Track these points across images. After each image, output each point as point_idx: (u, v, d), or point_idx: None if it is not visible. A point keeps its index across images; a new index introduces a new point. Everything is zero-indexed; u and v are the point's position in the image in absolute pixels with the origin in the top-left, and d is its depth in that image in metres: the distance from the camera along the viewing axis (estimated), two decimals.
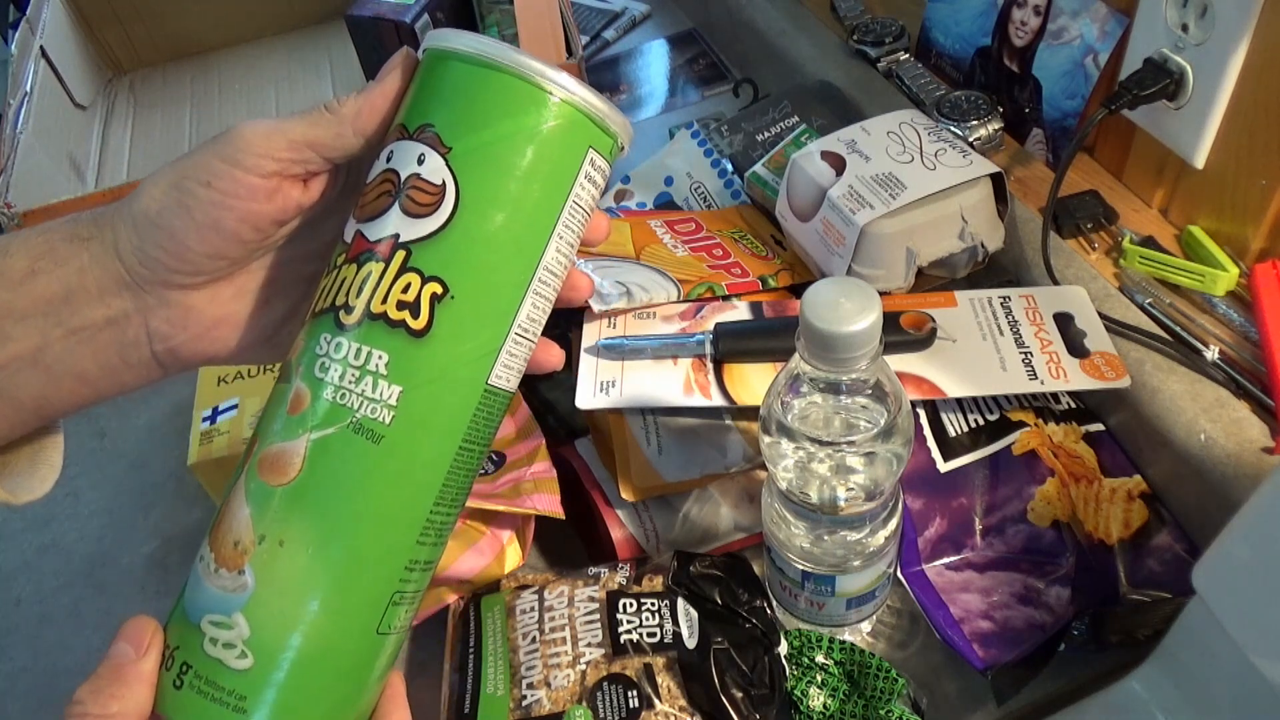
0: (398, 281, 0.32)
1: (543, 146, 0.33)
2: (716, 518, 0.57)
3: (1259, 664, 0.40)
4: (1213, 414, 0.52)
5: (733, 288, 0.62)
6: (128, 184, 0.75)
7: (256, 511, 0.32)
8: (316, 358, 0.33)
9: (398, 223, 0.33)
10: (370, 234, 0.33)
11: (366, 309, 0.32)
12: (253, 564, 0.32)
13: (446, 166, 0.33)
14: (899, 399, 0.43)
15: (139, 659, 0.32)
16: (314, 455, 0.32)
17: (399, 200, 0.33)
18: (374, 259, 0.33)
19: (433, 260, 0.32)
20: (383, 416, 0.32)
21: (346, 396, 0.32)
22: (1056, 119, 0.65)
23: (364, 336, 0.32)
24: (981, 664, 0.50)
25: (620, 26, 1.05)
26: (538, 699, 0.47)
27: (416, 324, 0.32)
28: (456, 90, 0.33)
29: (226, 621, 0.32)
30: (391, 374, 0.32)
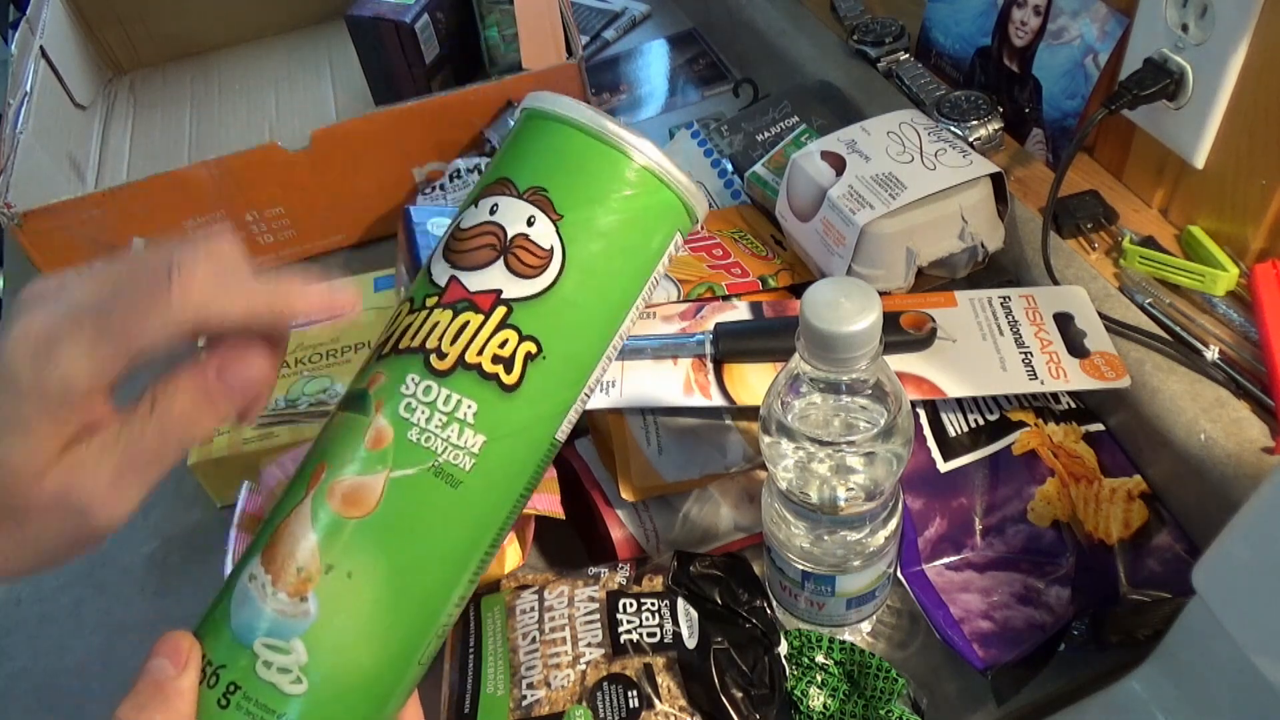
0: (496, 336, 0.33)
1: (645, 227, 0.35)
2: (716, 518, 0.57)
3: (1259, 664, 0.40)
4: (1213, 414, 0.52)
5: (733, 288, 0.62)
6: (128, 184, 0.75)
7: (325, 540, 0.32)
8: (402, 397, 0.33)
9: (501, 278, 0.34)
10: (470, 284, 0.34)
11: (461, 358, 0.33)
12: (317, 592, 0.32)
13: (557, 233, 0.34)
14: (899, 399, 0.43)
15: (179, 675, 0.31)
16: (392, 493, 0.33)
17: (505, 257, 0.34)
18: (472, 309, 0.34)
19: (532, 320, 0.34)
20: (464, 463, 0.33)
21: (431, 440, 0.33)
22: (1056, 119, 0.65)
23: (456, 384, 0.33)
24: (981, 664, 0.50)
25: (620, 26, 1.05)
26: (538, 699, 0.47)
27: (509, 379, 0.34)
28: (574, 161, 0.35)
29: (284, 647, 0.32)
30: (478, 424, 0.33)
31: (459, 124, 0.79)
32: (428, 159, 0.80)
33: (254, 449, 0.62)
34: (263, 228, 0.80)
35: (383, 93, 0.92)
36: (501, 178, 0.35)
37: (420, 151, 0.80)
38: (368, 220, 0.83)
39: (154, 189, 0.74)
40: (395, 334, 0.35)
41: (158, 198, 0.75)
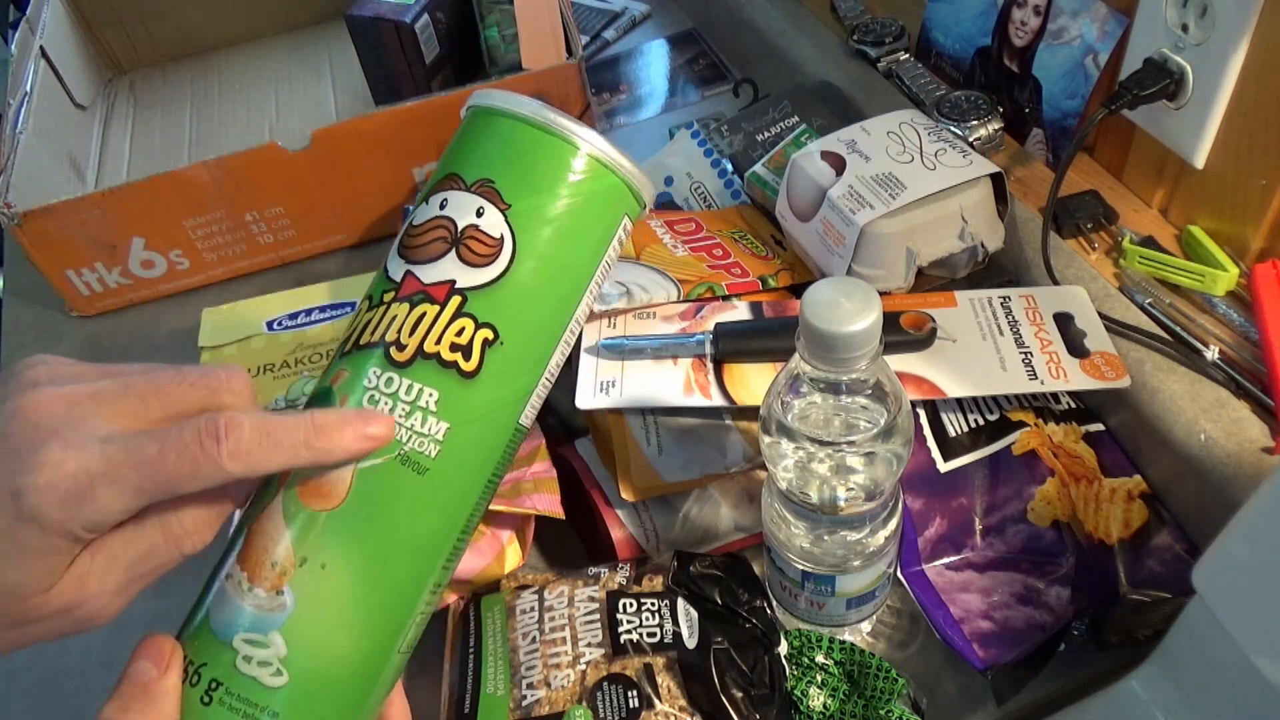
0: (452, 325, 0.34)
1: (592, 212, 0.36)
2: (716, 518, 0.57)
3: (1259, 664, 0.40)
4: (1213, 414, 0.52)
5: (733, 288, 0.62)
6: (128, 184, 0.75)
7: (298, 534, 0.33)
8: (365, 390, 0.34)
9: (454, 269, 0.35)
10: (424, 276, 0.35)
11: (420, 348, 0.34)
12: (293, 585, 0.33)
13: (505, 222, 0.35)
14: (899, 399, 0.43)
15: (162, 676, 0.32)
16: (361, 483, 0.33)
17: (456, 248, 0.35)
18: (428, 300, 0.34)
19: (486, 308, 0.35)
20: (429, 450, 0.34)
21: (396, 430, 0.34)
22: (1056, 119, 0.65)
23: (416, 374, 0.34)
24: (981, 664, 0.50)
25: (620, 26, 1.05)
26: (538, 699, 0.47)
27: (468, 366, 0.34)
28: (519, 152, 0.36)
29: (263, 640, 0.33)
30: (441, 411, 0.34)
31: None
32: (428, 159, 0.80)
33: None
34: (263, 228, 0.80)
35: (383, 93, 0.92)
36: (450, 174, 0.36)
37: (420, 151, 0.80)
38: (368, 220, 0.83)
39: (154, 189, 0.74)
40: (356, 331, 0.36)
41: (158, 198, 0.75)
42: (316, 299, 0.71)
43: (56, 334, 0.81)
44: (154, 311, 0.82)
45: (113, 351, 0.79)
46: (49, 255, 0.76)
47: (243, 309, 0.71)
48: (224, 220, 0.78)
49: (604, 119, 0.95)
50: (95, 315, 0.82)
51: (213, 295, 0.82)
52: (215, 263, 0.81)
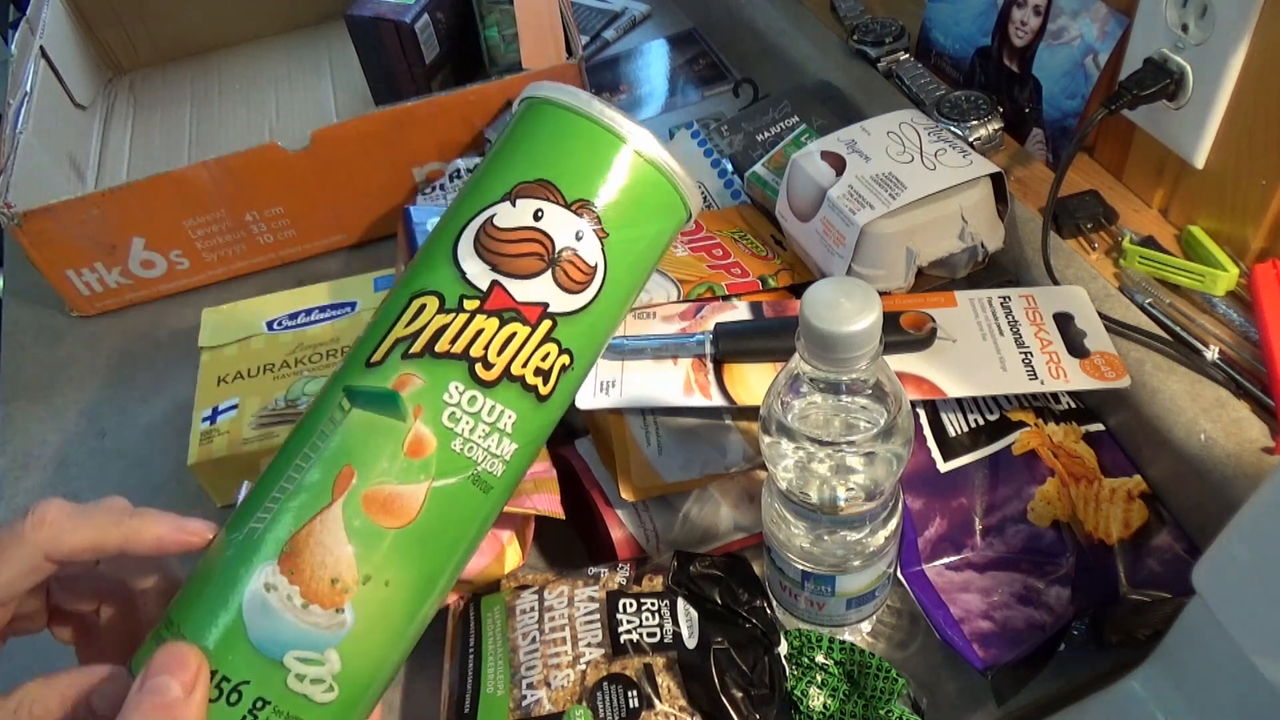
0: (540, 349, 0.34)
1: (666, 244, 0.37)
2: (716, 518, 0.57)
3: (1259, 664, 0.40)
4: (1213, 414, 0.52)
5: (733, 288, 0.62)
6: (128, 184, 0.75)
7: (363, 551, 0.32)
8: (446, 405, 0.33)
9: (548, 291, 0.34)
10: (517, 293, 0.33)
11: (507, 369, 0.33)
12: (354, 603, 0.32)
13: (602, 252, 0.34)
14: (899, 399, 0.43)
15: (187, 698, 0.30)
16: (433, 502, 0.33)
17: (553, 270, 0.34)
18: (519, 320, 0.33)
19: (571, 334, 0.34)
20: (497, 470, 0.34)
21: (473, 450, 0.33)
22: (1056, 119, 0.65)
23: (500, 395, 0.33)
24: (981, 664, 0.50)
25: (620, 26, 1.05)
26: (538, 699, 0.47)
27: (545, 390, 0.34)
28: (623, 180, 0.35)
29: (319, 659, 0.31)
30: (515, 433, 0.34)
31: (459, 124, 0.79)
32: (428, 159, 0.80)
33: (254, 449, 0.62)
34: (263, 228, 0.80)
35: (383, 93, 0.92)
36: (543, 180, 0.34)
37: (420, 151, 0.80)
38: (368, 220, 0.83)
39: (154, 189, 0.74)
40: (426, 334, 0.33)
41: (158, 198, 0.75)
42: (316, 299, 0.71)
43: (56, 334, 0.81)
44: (154, 311, 0.82)
45: (113, 351, 0.79)
46: (49, 255, 0.76)
47: (243, 309, 0.71)
48: (224, 220, 0.78)
49: None
50: (95, 315, 0.82)
51: (213, 295, 0.82)
52: (215, 263, 0.81)
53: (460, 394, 0.33)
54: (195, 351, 0.68)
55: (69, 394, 0.77)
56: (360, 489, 0.32)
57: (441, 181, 0.78)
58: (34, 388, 0.77)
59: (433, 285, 0.34)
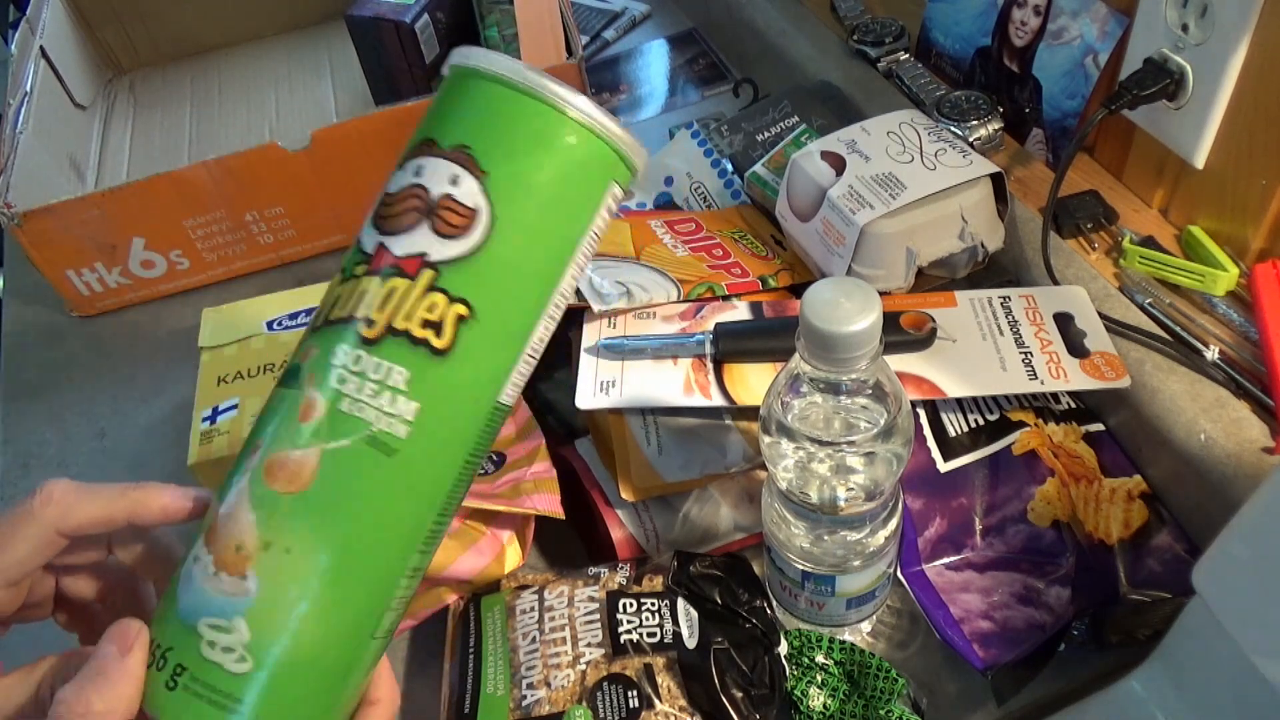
0: (424, 300, 0.33)
1: (574, 179, 0.34)
2: (716, 518, 0.57)
3: (1259, 664, 0.40)
4: (1213, 414, 0.52)
5: (733, 288, 0.62)
6: (128, 184, 0.75)
7: (262, 517, 0.32)
8: (333, 368, 0.33)
9: (427, 241, 0.33)
10: (396, 249, 0.33)
11: (389, 324, 0.33)
12: (256, 569, 0.32)
13: (482, 191, 0.33)
14: (899, 399, 0.43)
15: (123, 657, 0.32)
16: (327, 466, 0.32)
17: (429, 219, 0.33)
18: (399, 275, 0.33)
19: (460, 282, 0.33)
20: (398, 431, 0.33)
21: (364, 410, 0.32)
22: (1056, 119, 0.65)
23: (385, 352, 0.33)
24: (981, 664, 0.50)
25: (620, 26, 1.05)
26: (538, 699, 0.47)
27: (439, 343, 0.33)
28: (496, 115, 0.33)
29: (227, 625, 0.32)
30: (411, 390, 0.33)
31: None
32: None
33: None
34: (263, 228, 0.80)
35: (383, 93, 0.92)
36: (425, 139, 0.34)
37: None
38: None
39: (154, 189, 0.74)
40: (326, 306, 0.34)
41: (158, 198, 0.75)
42: (316, 299, 0.71)
43: (56, 334, 0.81)
44: (154, 311, 0.82)
45: (113, 351, 0.79)
46: (49, 255, 0.76)
47: (243, 309, 0.71)
48: (224, 220, 0.78)
49: None
50: (95, 315, 0.82)
51: (213, 295, 0.82)
52: (215, 263, 0.81)
53: (347, 355, 0.33)
54: (195, 351, 0.68)
55: (69, 394, 0.77)
56: (263, 458, 0.33)
57: None
58: (34, 388, 0.77)
59: (344, 264, 0.35)
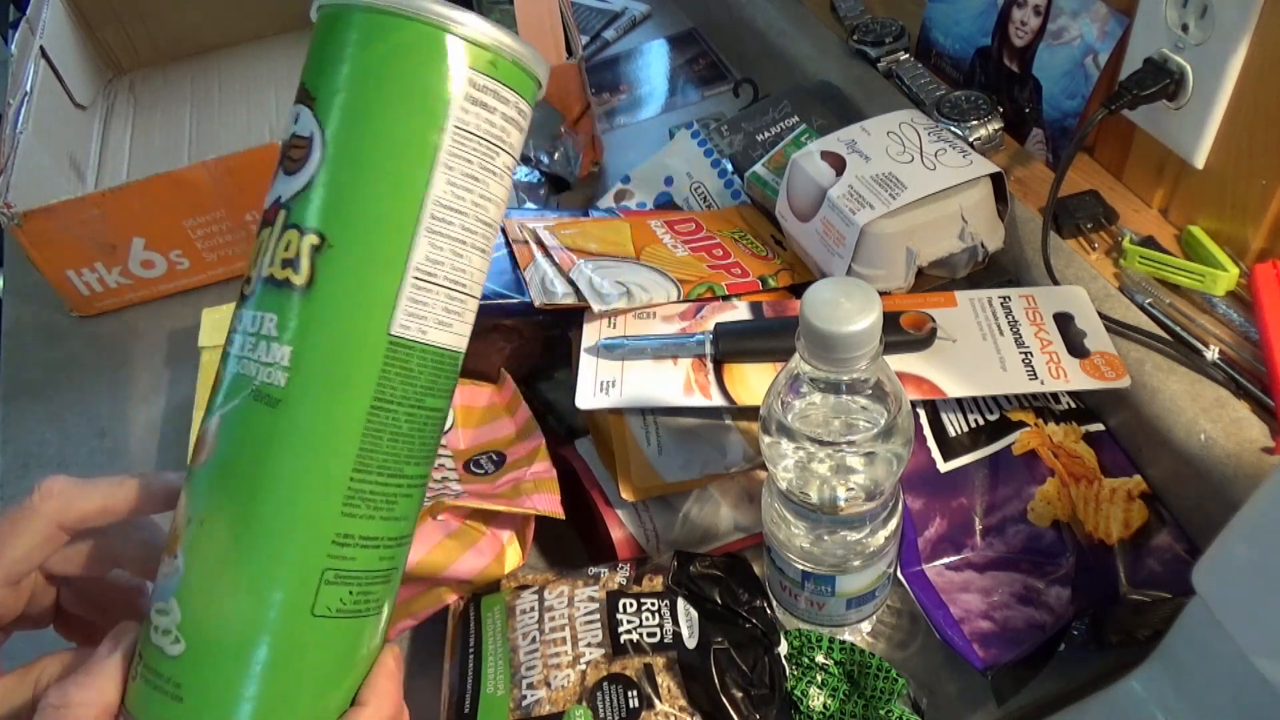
0: (281, 240, 0.32)
1: (400, 73, 0.31)
2: (716, 518, 0.57)
3: (1259, 664, 0.40)
4: (1213, 414, 0.52)
5: (733, 288, 0.62)
6: (128, 184, 0.75)
7: (187, 494, 0.33)
8: (232, 335, 0.33)
9: (280, 184, 0.32)
10: (266, 204, 0.33)
11: (258, 275, 0.32)
12: (182, 546, 0.32)
13: (313, 117, 0.32)
14: (899, 399, 0.43)
15: (108, 653, 0.32)
16: (222, 430, 0.32)
17: (281, 163, 0.32)
18: (265, 226, 0.32)
19: (307, 212, 0.31)
20: (278, 379, 0.31)
21: (246, 365, 0.32)
22: (1056, 119, 0.65)
23: (258, 303, 0.32)
24: (981, 664, 0.50)
25: (620, 26, 1.05)
26: (538, 699, 0.47)
27: (299, 279, 0.31)
28: (318, 39, 0.32)
29: (165, 607, 0.32)
30: (281, 334, 0.31)
31: None
32: None
33: None
34: None
35: None
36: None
37: None
38: None
39: (154, 189, 0.74)
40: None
41: (158, 198, 0.75)
42: None
43: (56, 334, 0.81)
44: (154, 311, 0.82)
45: (113, 351, 0.79)
46: (49, 255, 0.76)
47: None
48: (224, 220, 0.78)
49: (604, 119, 0.94)
50: (95, 315, 0.82)
51: (213, 295, 0.82)
52: (215, 263, 0.81)
53: (235, 319, 0.33)
54: (195, 351, 0.68)
55: (69, 394, 0.77)
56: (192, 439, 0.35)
57: None
58: (34, 388, 0.77)
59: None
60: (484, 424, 0.61)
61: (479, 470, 0.57)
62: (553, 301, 0.58)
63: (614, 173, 0.86)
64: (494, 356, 0.64)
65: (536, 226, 0.65)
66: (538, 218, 0.67)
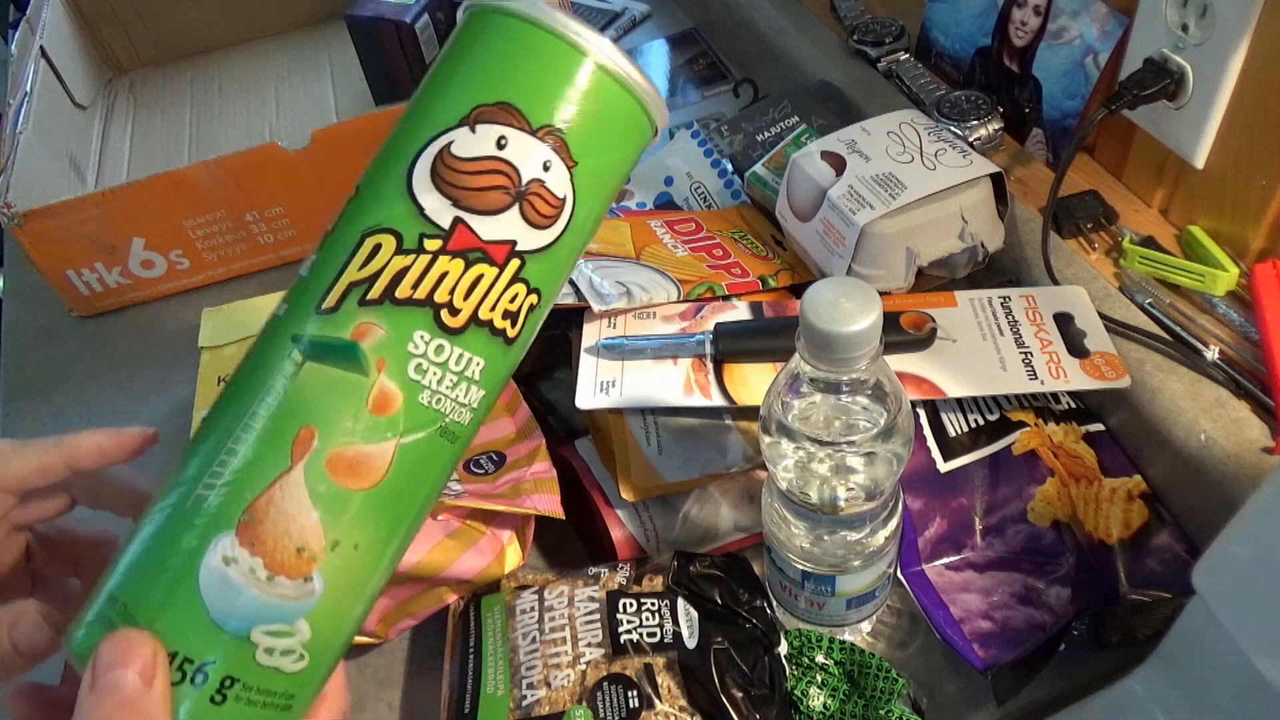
0: (508, 291, 0.31)
1: (630, 169, 0.34)
2: (716, 518, 0.57)
3: (1259, 664, 0.40)
4: (1213, 414, 0.52)
5: (733, 288, 0.62)
6: (128, 184, 0.75)
7: (329, 516, 0.30)
8: (411, 357, 0.30)
9: (516, 228, 0.31)
10: (482, 231, 0.31)
11: (475, 314, 0.31)
12: (323, 570, 0.30)
13: (570, 182, 0.32)
14: (899, 399, 0.43)
15: (148, 689, 0.28)
16: (402, 460, 0.31)
17: (520, 204, 0.31)
18: (486, 261, 0.31)
19: (540, 273, 0.32)
20: (464, 419, 0.32)
21: (442, 401, 0.31)
22: (1056, 119, 0.65)
23: (468, 342, 0.31)
24: (981, 664, 0.50)
25: (620, 26, 1.05)
26: (538, 699, 0.47)
27: (512, 333, 0.32)
28: (594, 102, 0.32)
29: (288, 630, 0.30)
30: (483, 380, 0.32)
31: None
32: None
33: None
34: (263, 228, 0.80)
35: (383, 93, 0.92)
36: (504, 102, 0.31)
37: None
38: None
39: (154, 189, 0.74)
40: (385, 278, 0.31)
41: (158, 198, 0.75)
42: None
43: (56, 334, 0.81)
44: (154, 311, 0.82)
45: (113, 351, 0.79)
46: (49, 255, 0.76)
47: (243, 309, 0.71)
48: (224, 220, 0.78)
49: None
50: (95, 315, 0.82)
51: (213, 295, 0.82)
52: (215, 263, 0.81)
53: (426, 344, 0.30)
54: (195, 351, 0.68)
55: (69, 394, 0.77)
56: (323, 451, 0.29)
57: None
58: (34, 388, 0.77)
59: (387, 222, 0.31)
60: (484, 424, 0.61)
61: (479, 470, 0.57)
62: None
63: None
64: None
65: None
66: None
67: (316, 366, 0.30)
